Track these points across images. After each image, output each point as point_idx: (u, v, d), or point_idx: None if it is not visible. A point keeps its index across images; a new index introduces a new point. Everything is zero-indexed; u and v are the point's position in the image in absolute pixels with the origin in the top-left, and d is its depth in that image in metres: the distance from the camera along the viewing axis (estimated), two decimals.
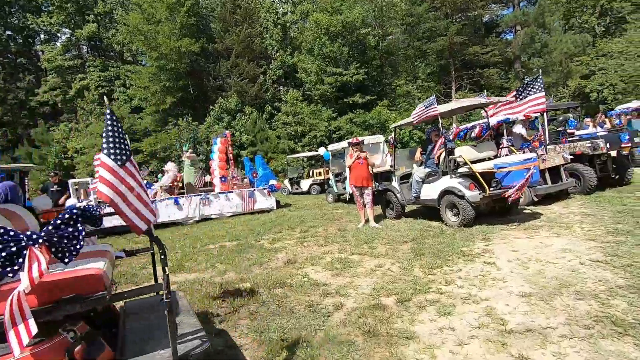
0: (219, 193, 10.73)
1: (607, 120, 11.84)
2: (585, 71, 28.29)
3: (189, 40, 24.74)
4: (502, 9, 26.54)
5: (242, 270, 5.12)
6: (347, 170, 7.79)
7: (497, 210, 6.59)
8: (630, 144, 7.59)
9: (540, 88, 8.24)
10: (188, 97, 27.87)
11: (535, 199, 7.03)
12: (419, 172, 6.97)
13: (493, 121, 7.64)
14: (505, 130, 7.48)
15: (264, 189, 11.23)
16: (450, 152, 6.33)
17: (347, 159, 7.41)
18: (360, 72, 23.91)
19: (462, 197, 5.93)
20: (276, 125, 26.59)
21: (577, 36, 26.13)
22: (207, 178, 13.01)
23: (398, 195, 7.54)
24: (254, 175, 11.49)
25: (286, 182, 16.66)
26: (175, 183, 10.74)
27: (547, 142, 8.19)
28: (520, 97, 8.42)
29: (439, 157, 6.59)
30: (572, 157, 7.55)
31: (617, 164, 8.05)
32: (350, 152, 7.40)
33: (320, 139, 23.76)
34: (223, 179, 10.94)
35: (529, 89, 8.35)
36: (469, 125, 8.25)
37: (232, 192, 10.83)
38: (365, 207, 7.37)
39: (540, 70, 7.99)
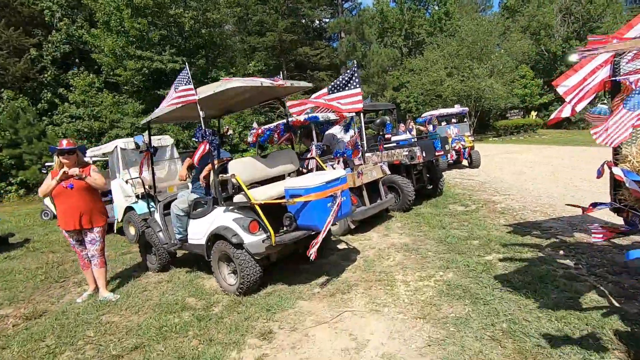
0: None
1: (413, 126, 11.99)
2: (396, 83, 32.06)
3: None
4: (327, 12, 27.09)
5: None
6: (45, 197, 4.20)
7: (301, 251, 4.41)
8: (442, 152, 6.85)
9: (356, 84, 6.72)
10: None
11: (352, 227, 5.28)
12: (180, 200, 4.17)
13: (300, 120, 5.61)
14: (315, 134, 5.54)
15: None
16: (222, 167, 3.76)
17: (47, 180, 3.96)
18: (178, 61, 19.78)
19: (240, 245, 3.43)
20: (60, 120, 19.61)
21: (390, 50, 29.09)
22: None
23: (160, 234, 4.57)
24: None
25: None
26: None
27: (365, 149, 6.77)
28: (334, 92, 6.76)
29: (206, 176, 3.94)
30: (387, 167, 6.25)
31: (431, 173, 7.30)
32: (55, 168, 4.00)
33: (124, 138, 18.47)
34: None
35: (344, 84, 6.76)
36: (272, 125, 6.05)
37: None
38: (90, 264, 4.11)
39: (355, 62, 6.42)
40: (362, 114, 6.67)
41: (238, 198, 3.56)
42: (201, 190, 4.03)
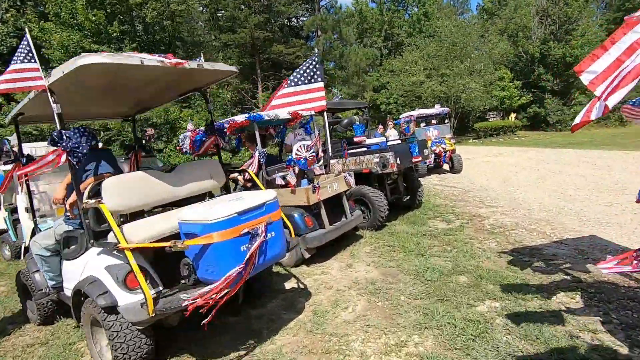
0: None
1: (390, 125, 11.07)
2: (376, 84, 31.37)
3: None
4: (303, 9, 25.93)
5: None
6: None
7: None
8: (420, 157, 5.81)
9: (317, 76, 5.66)
10: None
11: (307, 255, 4.14)
12: (43, 234, 2.94)
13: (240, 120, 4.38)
14: (258, 137, 4.29)
15: None
16: (95, 190, 2.55)
17: None
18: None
19: (111, 309, 2.24)
20: (5, 120, 17.71)
21: (369, 50, 28.26)
22: None
23: (37, 276, 3.29)
24: None
25: None
26: None
27: (330, 155, 5.65)
28: (296, 84, 5.71)
29: (74, 203, 2.70)
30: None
31: (409, 182, 6.27)
32: None
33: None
34: None
35: (304, 77, 5.71)
36: (201, 129, 4.64)
37: None
38: None
39: (316, 51, 5.36)
40: (325, 114, 5.56)
41: (112, 236, 2.35)
42: (71, 220, 2.79)
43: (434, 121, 11.40)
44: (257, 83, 23.80)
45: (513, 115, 28.94)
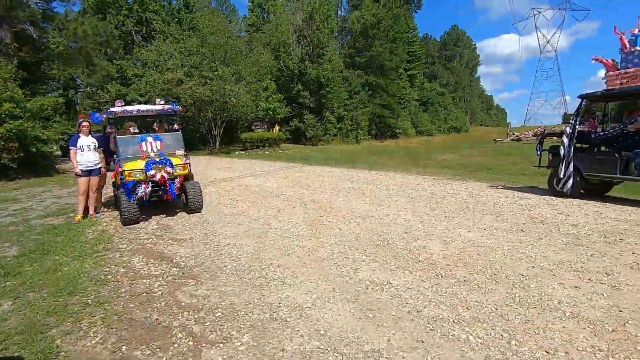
0: None
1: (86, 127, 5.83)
2: (114, 73, 24.00)
3: None
4: None
5: None
6: None
7: None
8: None
9: None
10: None
11: None
12: None
13: None
14: None
15: None
16: None
17: None
18: None
19: None
20: None
21: (101, 23, 20.61)
22: None
23: None
24: None
25: None
26: None
27: None
28: None
29: None
30: None
31: None
32: None
33: None
34: None
35: None
36: None
37: None
38: None
39: None
40: None
41: None
42: None
43: (156, 126, 6.82)
44: None
45: (277, 127, 28.64)
